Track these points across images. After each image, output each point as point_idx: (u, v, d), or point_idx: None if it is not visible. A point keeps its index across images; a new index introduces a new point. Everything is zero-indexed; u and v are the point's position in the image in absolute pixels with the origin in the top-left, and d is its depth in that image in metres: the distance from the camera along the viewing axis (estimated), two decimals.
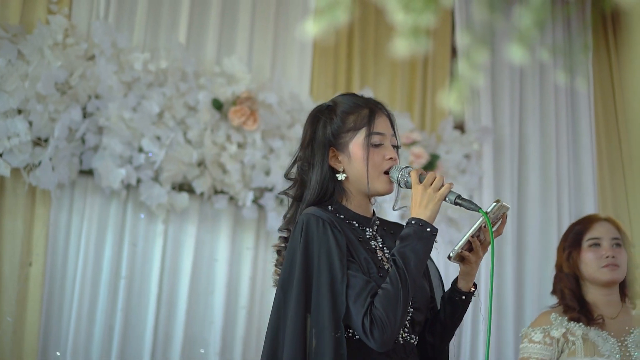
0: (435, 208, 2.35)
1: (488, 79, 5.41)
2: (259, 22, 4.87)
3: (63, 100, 4.05)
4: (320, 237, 2.31)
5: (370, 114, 2.50)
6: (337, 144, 2.48)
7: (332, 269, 2.28)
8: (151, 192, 4.27)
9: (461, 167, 5.16)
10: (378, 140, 2.47)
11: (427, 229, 2.32)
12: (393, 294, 2.25)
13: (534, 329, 3.25)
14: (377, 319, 2.23)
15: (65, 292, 4.17)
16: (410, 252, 2.29)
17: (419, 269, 2.30)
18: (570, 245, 3.35)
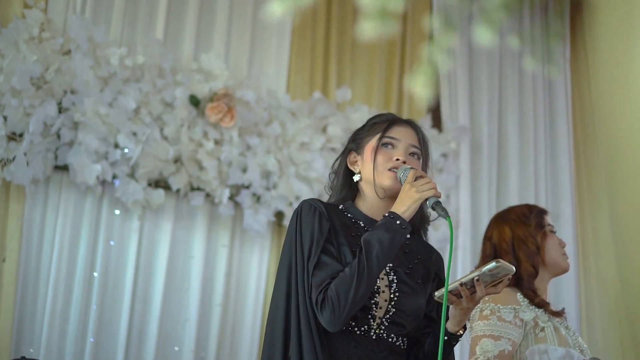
0: (412, 206, 2.38)
1: (466, 78, 5.42)
2: (237, 19, 4.85)
3: (38, 95, 4.02)
4: (308, 221, 2.46)
5: (392, 122, 2.63)
6: (356, 149, 2.65)
7: (309, 251, 2.42)
8: (127, 188, 4.25)
9: (438, 166, 5.16)
10: (389, 141, 2.58)
11: (397, 221, 2.36)
12: (348, 277, 2.33)
13: (505, 307, 2.98)
14: (328, 298, 2.33)
15: (39, 288, 4.14)
16: (375, 241, 2.35)
17: (380, 258, 2.33)
18: (538, 225, 3.17)
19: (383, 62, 5.34)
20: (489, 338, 2.94)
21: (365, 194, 2.60)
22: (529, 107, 5.56)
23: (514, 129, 5.49)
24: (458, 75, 5.38)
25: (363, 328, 2.42)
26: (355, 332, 2.41)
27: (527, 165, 5.47)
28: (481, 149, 5.38)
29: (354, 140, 2.68)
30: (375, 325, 2.43)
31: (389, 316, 2.45)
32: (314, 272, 2.38)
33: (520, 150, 5.48)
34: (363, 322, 2.42)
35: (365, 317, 2.42)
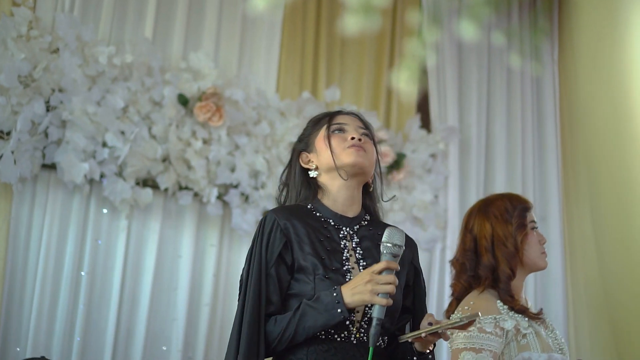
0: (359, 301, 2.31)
1: (455, 80, 5.43)
2: (226, 18, 4.85)
3: (26, 93, 4.01)
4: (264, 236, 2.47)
5: (335, 113, 2.66)
6: (306, 147, 2.63)
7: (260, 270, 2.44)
8: (114, 187, 4.24)
9: (427, 166, 5.17)
10: (338, 127, 2.58)
11: (339, 310, 2.32)
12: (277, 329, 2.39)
13: (485, 318, 2.92)
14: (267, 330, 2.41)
15: (26, 287, 4.12)
16: (311, 317, 2.35)
17: (309, 333, 2.35)
18: (520, 224, 3.09)
19: (372, 62, 5.35)
20: (469, 351, 2.88)
21: (327, 186, 2.57)
22: (516, 108, 5.57)
23: (502, 129, 5.51)
24: (447, 77, 5.39)
25: (343, 335, 2.39)
26: (336, 340, 2.39)
27: (515, 166, 5.48)
28: (470, 149, 5.39)
29: (301, 141, 2.67)
30: (354, 330, 2.40)
31: (367, 318, 2.41)
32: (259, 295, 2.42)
33: (507, 151, 5.50)
34: (342, 329, 2.39)
35: (343, 324, 2.38)
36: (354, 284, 2.32)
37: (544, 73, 5.62)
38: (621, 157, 0.93)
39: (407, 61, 1.03)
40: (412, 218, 5.09)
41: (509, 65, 5.49)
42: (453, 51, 5.46)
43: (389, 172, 5.03)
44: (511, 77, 5.61)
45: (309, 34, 5.14)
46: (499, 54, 5.55)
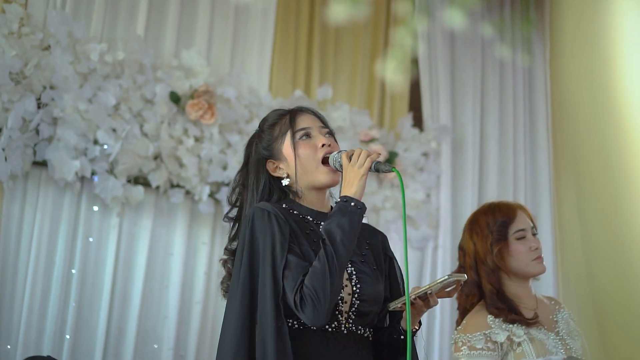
0: (360, 183, 2.41)
1: (448, 78, 5.43)
2: (219, 16, 4.84)
3: (17, 90, 4.00)
4: (265, 227, 2.41)
5: (291, 116, 2.63)
6: (272, 155, 2.60)
7: (274, 256, 2.36)
8: (106, 184, 4.22)
9: (419, 165, 5.17)
10: (304, 134, 2.58)
11: (351, 203, 2.38)
12: (320, 269, 2.31)
13: (473, 335, 3.02)
14: (306, 295, 2.30)
15: (17, 284, 4.10)
16: (336, 227, 2.35)
17: (345, 243, 2.34)
18: (498, 239, 3.15)
19: (366, 60, 5.34)
20: None
21: (302, 192, 2.58)
22: (509, 106, 5.58)
23: (495, 128, 5.51)
24: (439, 76, 5.39)
25: (334, 325, 2.42)
26: (327, 330, 2.41)
27: (507, 165, 5.49)
28: (463, 148, 5.39)
29: (265, 148, 2.62)
30: (343, 319, 2.44)
31: (354, 309, 2.45)
32: (284, 275, 2.34)
33: (500, 150, 5.50)
34: (332, 319, 2.41)
35: (332, 314, 2.40)
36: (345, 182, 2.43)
37: (536, 71, 5.62)
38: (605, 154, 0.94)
39: (395, 50, 1.02)
40: (397, 208, 5.08)
41: (501, 61, 5.49)
42: (446, 50, 5.46)
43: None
44: (504, 76, 5.62)
45: (302, 33, 5.14)
46: (492, 53, 5.55)
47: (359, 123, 5.02)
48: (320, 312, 2.29)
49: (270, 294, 2.33)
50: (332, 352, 2.39)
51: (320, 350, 2.38)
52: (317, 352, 2.38)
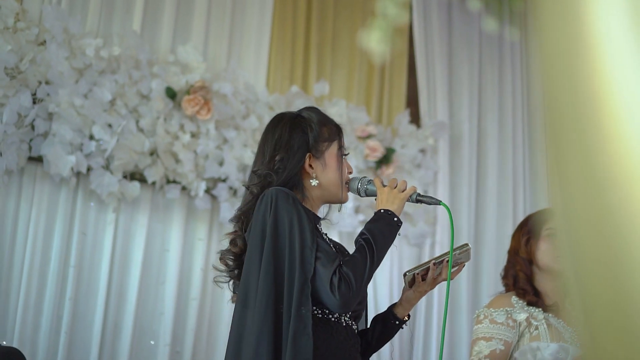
0: (401, 204, 2.55)
1: (445, 75, 5.42)
2: (216, 11, 4.83)
3: (12, 85, 3.98)
4: (291, 209, 2.41)
5: (337, 129, 2.71)
6: (315, 151, 2.62)
7: (303, 236, 2.37)
8: (101, 180, 4.21)
9: (416, 161, 5.16)
10: (346, 153, 2.70)
11: (394, 218, 2.50)
12: (361, 260, 2.39)
13: (496, 310, 3.20)
14: (344, 279, 2.34)
15: (13, 280, 4.08)
16: (379, 232, 2.44)
17: (383, 248, 2.43)
18: (530, 231, 3.35)
19: (364, 57, 5.33)
20: (482, 340, 3.14)
21: (312, 196, 2.62)
22: (508, 103, 5.57)
23: (493, 125, 5.51)
24: (437, 71, 5.38)
25: (335, 316, 2.45)
26: (331, 320, 2.44)
27: (506, 162, 5.48)
28: (461, 144, 5.39)
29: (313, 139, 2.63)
30: (347, 316, 2.50)
31: None
32: (317, 256, 2.36)
33: (499, 146, 5.50)
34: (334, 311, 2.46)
35: None
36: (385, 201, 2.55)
37: (532, 64, 5.63)
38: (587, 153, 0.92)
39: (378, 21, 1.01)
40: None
41: (500, 56, 5.47)
42: (443, 46, 5.46)
43: (378, 167, 5.02)
44: (502, 72, 5.61)
45: (300, 28, 5.13)
46: (489, 48, 5.54)
47: (356, 119, 5.01)
48: (351, 298, 2.35)
49: (299, 275, 2.33)
50: (337, 341, 2.44)
51: (325, 338, 2.40)
52: (323, 340, 2.40)
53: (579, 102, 0.97)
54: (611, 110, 0.93)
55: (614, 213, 0.94)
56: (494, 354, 3.09)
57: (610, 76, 0.94)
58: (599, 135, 0.95)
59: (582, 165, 0.98)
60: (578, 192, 0.99)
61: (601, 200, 0.96)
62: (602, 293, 0.98)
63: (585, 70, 0.97)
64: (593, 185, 0.96)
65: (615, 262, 0.95)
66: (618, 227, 0.94)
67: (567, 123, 0.99)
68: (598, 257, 0.98)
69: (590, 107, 0.96)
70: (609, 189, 0.95)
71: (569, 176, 0.99)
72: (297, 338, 2.27)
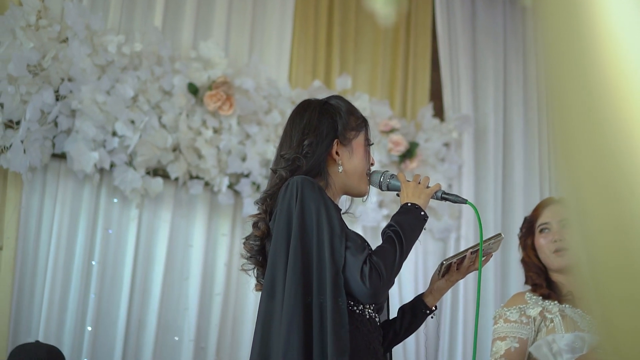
0: (426, 200, 2.53)
1: (469, 68, 5.39)
2: (237, 6, 4.83)
3: (35, 82, 4.00)
4: (318, 197, 2.38)
5: (364, 120, 2.70)
6: (342, 138, 2.60)
7: (332, 225, 2.35)
8: (125, 176, 4.22)
9: (440, 155, 5.13)
10: (371, 142, 2.68)
11: (421, 212, 2.48)
12: (391, 250, 2.37)
13: (509, 309, 3.18)
14: (374, 269, 2.32)
15: (37, 276, 4.11)
16: (407, 224, 2.42)
17: (411, 240, 2.41)
18: (525, 234, 3.35)
19: (387, 50, 5.31)
20: (497, 340, 3.13)
21: (335, 184, 2.59)
22: (533, 94, 5.53)
23: (519, 118, 5.47)
24: (460, 64, 5.35)
25: (359, 308, 2.44)
26: (355, 312, 2.42)
27: (532, 154, 5.44)
28: (486, 138, 5.35)
29: (338, 129, 2.59)
30: (367, 305, 2.48)
31: None
32: (347, 245, 2.34)
33: (525, 139, 5.46)
34: (359, 303, 2.44)
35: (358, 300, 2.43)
36: (411, 195, 2.53)
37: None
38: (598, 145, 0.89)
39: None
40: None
41: (524, 50, 5.43)
42: (467, 39, 5.42)
43: (402, 161, 4.99)
44: (527, 65, 5.57)
45: (322, 22, 5.11)
46: (514, 40, 5.50)
47: (379, 113, 4.99)
48: (382, 287, 2.33)
49: (329, 266, 2.30)
50: (362, 333, 2.42)
51: (352, 330, 2.36)
52: (350, 332, 2.35)
53: (586, 94, 0.95)
54: (619, 101, 0.91)
55: (624, 203, 0.92)
56: (509, 352, 3.08)
57: (617, 66, 0.92)
58: (608, 127, 0.93)
59: (591, 158, 0.95)
60: (588, 183, 0.97)
61: (611, 191, 0.94)
62: (615, 282, 0.96)
63: (591, 62, 0.95)
64: (603, 177, 0.94)
65: (627, 251, 0.93)
66: (629, 217, 0.92)
67: (575, 115, 0.97)
68: (610, 247, 0.96)
69: (598, 99, 0.94)
70: (619, 180, 0.93)
71: (578, 168, 0.97)
72: (337, 331, 2.25)
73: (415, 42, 5.40)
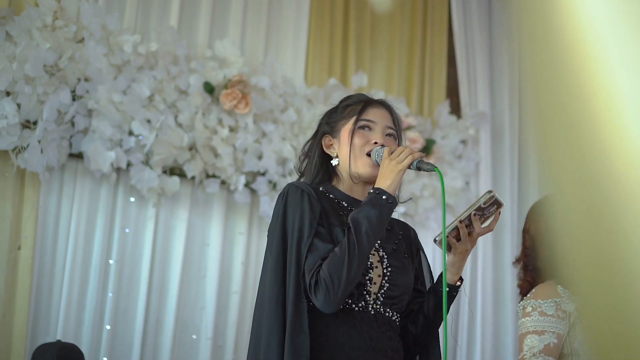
0: (395, 178, 2.37)
1: (486, 65, 5.37)
2: (252, 5, 4.83)
3: (52, 82, 4.02)
4: (297, 204, 2.39)
5: (365, 104, 2.60)
6: (332, 132, 2.59)
7: (301, 234, 2.35)
8: (141, 175, 4.24)
9: (457, 152, 5.11)
10: (365, 124, 2.54)
11: (383, 196, 2.34)
12: (339, 257, 2.27)
13: (545, 301, 3.02)
14: (321, 280, 2.27)
15: (55, 276, 4.13)
16: (363, 218, 2.31)
17: (370, 234, 2.30)
18: (535, 229, 3.23)
19: (403, 47, 5.30)
20: (533, 334, 2.97)
21: (343, 177, 2.56)
22: None
23: None
24: (477, 61, 5.33)
25: (360, 305, 2.40)
26: (354, 310, 2.39)
27: None
28: (503, 135, 5.33)
29: (328, 123, 2.63)
30: (371, 300, 2.42)
31: (383, 291, 2.44)
32: (307, 256, 2.32)
33: None
34: (360, 299, 2.39)
35: (360, 294, 2.39)
36: (381, 175, 2.39)
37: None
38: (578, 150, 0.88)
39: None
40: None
41: None
42: (484, 38, 5.41)
43: None
44: None
45: (337, 20, 5.11)
46: None
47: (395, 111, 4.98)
48: (331, 299, 2.26)
49: (294, 271, 2.32)
50: (359, 331, 2.37)
51: (346, 328, 2.36)
52: (344, 331, 2.36)
53: (566, 95, 0.94)
54: (600, 102, 0.91)
55: (606, 205, 0.92)
56: (548, 348, 2.93)
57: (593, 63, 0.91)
58: (589, 128, 0.92)
59: (573, 158, 0.95)
60: (570, 185, 0.96)
61: (594, 193, 0.93)
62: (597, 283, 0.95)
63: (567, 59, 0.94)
64: (584, 178, 0.94)
65: (610, 254, 0.93)
66: (611, 219, 0.92)
67: (556, 116, 0.96)
68: (592, 251, 0.95)
69: (579, 99, 0.93)
70: (600, 182, 0.92)
71: (560, 170, 0.97)
72: (294, 337, 2.25)
73: (431, 39, 5.38)
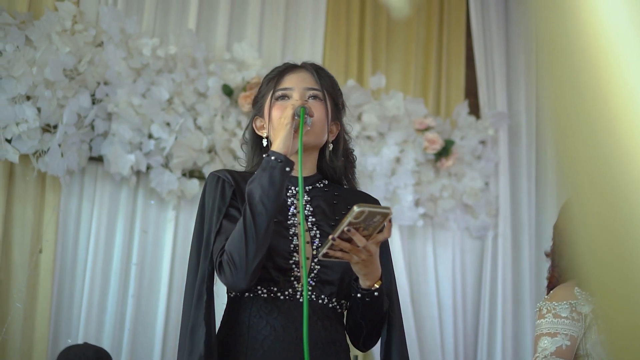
0: (280, 134, 2.20)
1: (503, 65, 5.36)
2: (270, 7, 4.84)
3: (71, 86, 4.04)
4: (211, 192, 2.29)
5: (282, 72, 2.44)
6: (259, 112, 2.45)
7: (211, 221, 2.25)
8: (161, 178, 4.25)
9: (476, 153, 5.10)
10: (282, 93, 2.38)
11: (272, 157, 2.17)
12: (237, 233, 2.13)
13: (560, 303, 2.99)
14: (224, 260, 2.13)
15: (76, 278, 4.16)
16: (256, 187, 2.15)
17: (265, 201, 2.12)
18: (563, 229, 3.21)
19: (420, 48, 5.29)
20: (546, 336, 2.96)
21: None
22: None
23: None
24: (495, 62, 5.32)
25: (287, 292, 2.22)
26: (279, 298, 2.21)
27: None
28: (520, 135, 5.32)
29: (255, 103, 2.48)
30: (300, 287, 2.23)
31: (314, 274, 2.25)
32: (215, 239, 2.20)
33: None
34: (286, 286, 2.22)
35: (287, 280, 2.22)
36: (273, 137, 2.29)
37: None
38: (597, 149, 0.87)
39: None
40: (462, 205, 5.03)
41: None
42: (501, 37, 5.39)
43: (437, 160, 4.97)
44: None
45: (354, 22, 5.11)
46: None
47: (414, 112, 4.97)
48: (236, 277, 2.11)
49: (202, 260, 2.23)
50: (283, 322, 2.20)
51: (269, 319, 2.20)
52: (266, 321, 2.20)
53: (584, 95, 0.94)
54: (619, 102, 0.90)
55: (625, 206, 0.91)
56: (560, 350, 2.91)
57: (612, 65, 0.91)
58: (608, 129, 0.92)
59: (591, 159, 0.94)
60: (587, 186, 0.96)
61: (612, 194, 0.92)
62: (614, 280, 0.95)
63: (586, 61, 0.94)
64: (603, 179, 0.93)
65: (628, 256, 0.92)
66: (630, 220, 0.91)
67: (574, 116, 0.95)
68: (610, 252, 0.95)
69: (597, 100, 0.93)
70: (619, 183, 0.91)
71: (578, 171, 0.96)
72: (194, 332, 2.20)
73: (448, 40, 5.37)
